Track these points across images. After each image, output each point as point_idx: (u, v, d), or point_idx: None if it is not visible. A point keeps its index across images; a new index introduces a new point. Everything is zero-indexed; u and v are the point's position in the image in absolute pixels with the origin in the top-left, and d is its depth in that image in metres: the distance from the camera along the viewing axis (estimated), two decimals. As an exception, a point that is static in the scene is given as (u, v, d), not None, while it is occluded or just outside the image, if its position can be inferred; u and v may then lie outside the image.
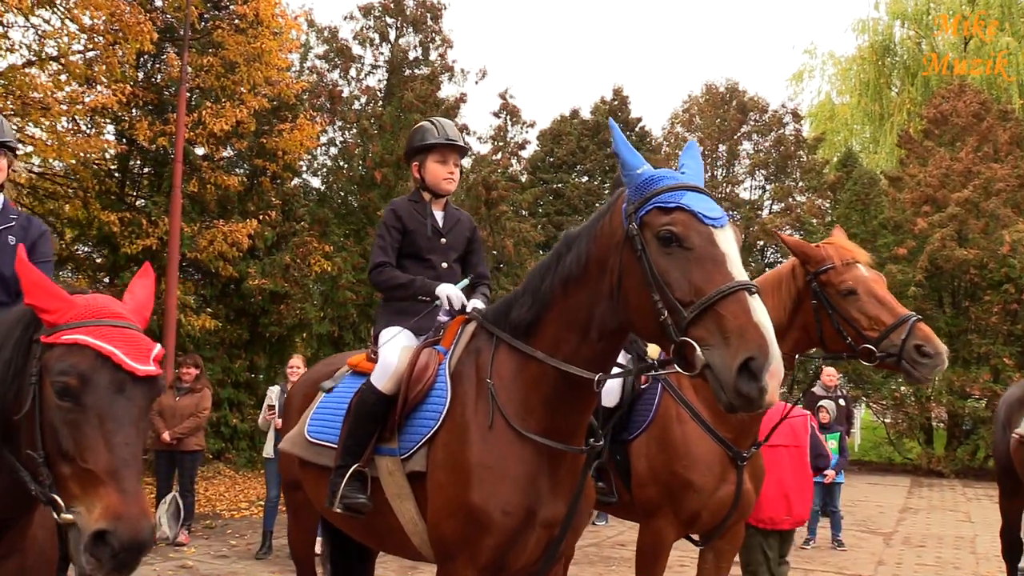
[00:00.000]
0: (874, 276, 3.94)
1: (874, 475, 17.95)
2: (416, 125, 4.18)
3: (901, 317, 3.73)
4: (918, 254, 17.01)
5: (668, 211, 2.66)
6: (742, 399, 2.38)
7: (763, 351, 2.35)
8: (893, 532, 10.91)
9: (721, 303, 2.47)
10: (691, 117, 21.41)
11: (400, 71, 17.33)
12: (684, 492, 4.06)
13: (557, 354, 3.03)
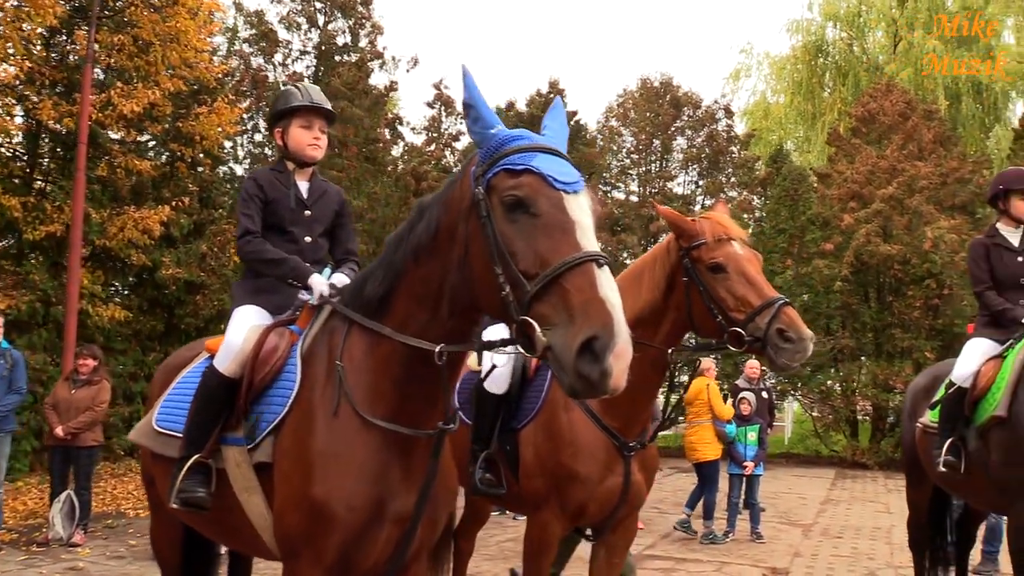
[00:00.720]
0: (748, 254, 3.69)
1: (800, 467, 18.14)
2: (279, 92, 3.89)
3: (768, 299, 3.49)
4: (845, 249, 17.23)
5: (516, 174, 2.41)
6: (583, 382, 2.15)
7: (607, 329, 2.13)
8: (813, 524, 10.94)
9: (566, 276, 2.24)
10: (626, 111, 21.37)
11: (329, 57, 16.94)
12: (569, 483, 3.87)
13: (406, 331, 2.79)
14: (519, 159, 2.46)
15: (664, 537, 9.78)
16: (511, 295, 2.34)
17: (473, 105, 2.61)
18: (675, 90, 20.70)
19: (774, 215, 19.41)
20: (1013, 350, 4.74)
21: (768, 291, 3.54)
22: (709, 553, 9.02)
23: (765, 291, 3.54)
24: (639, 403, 3.92)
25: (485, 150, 2.57)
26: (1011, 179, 5.21)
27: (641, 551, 8.98)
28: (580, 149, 20.72)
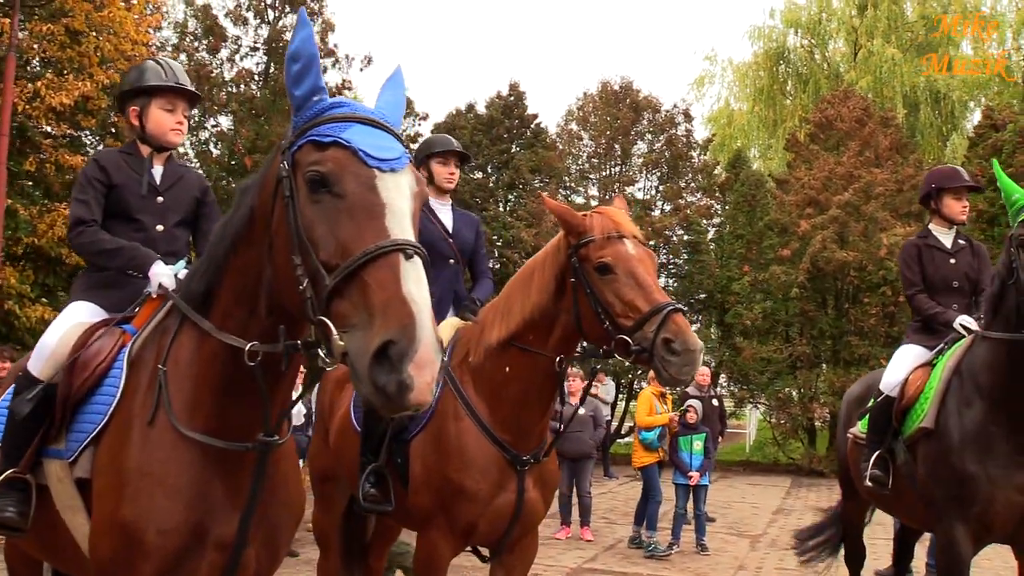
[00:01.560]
0: (640, 254, 3.34)
1: (757, 475, 17.99)
2: (135, 66, 3.54)
3: (656, 305, 3.15)
4: (802, 256, 17.11)
5: (322, 147, 2.12)
6: (380, 395, 1.85)
7: (406, 333, 1.83)
8: (762, 534, 10.71)
9: (368, 268, 1.95)
10: (585, 115, 21.12)
11: (278, 53, 16.49)
12: (457, 499, 3.54)
13: (225, 329, 2.47)
14: (329, 130, 2.15)
15: (607, 549, 9.49)
16: (309, 290, 2.04)
17: (299, 59, 2.24)
18: (635, 94, 20.50)
19: (732, 220, 19.28)
20: (943, 357, 4.50)
21: (657, 295, 3.22)
22: (651, 567, 8.74)
23: (654, 295, 3.20)
24: (532, 414, 3.61)
25: (299, 118, 2.25)
26: (943, 177, 4.98)
27: (581, 564, 8.70)
28: (539, 153, 20.48)
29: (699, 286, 19.07)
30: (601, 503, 12.94)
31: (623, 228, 3.40)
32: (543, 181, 20.51)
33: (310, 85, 2.25)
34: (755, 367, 17.87)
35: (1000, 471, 3.95)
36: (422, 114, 21.48)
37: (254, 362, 2.37)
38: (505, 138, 21.28)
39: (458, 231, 4.58)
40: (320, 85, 2.27)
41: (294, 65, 2.27)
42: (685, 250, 19.55)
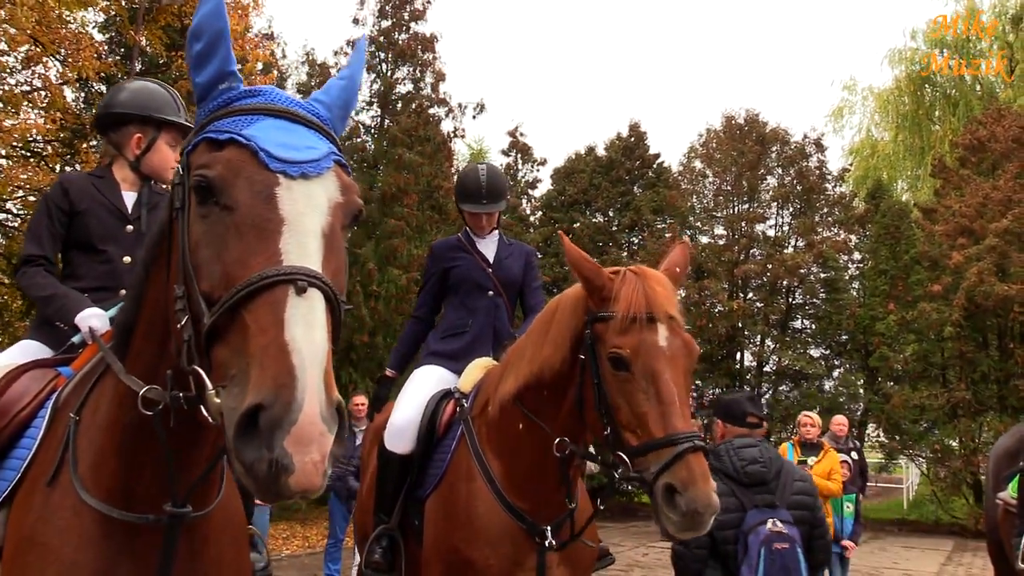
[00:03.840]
0: (675, 348, 2.48)
1: (915, 537, 16.14)
2: (140, 86, 3.18)
3: (672, 435, 2.35)
4: (955, 291, 15.44)
5: (217, 146, 1.66)
6: (250, 477, 1.39)
7: (281, 395, 1.37)
8: (914, 608, 9.35)
9: (250, 305, 1.49)
10: (709, 151, 20.21)
11: (391, 105, 16.66)
12: (465, 574, 2.91)
13: (133, 371, 2.01)
14: (230, 124, 1.69)
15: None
16: (189, 329, 1.61)
17: (201, 37, 1.77)
18: (761, 126, 19.44)
19: (874, 254, 17.76)
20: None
21: (678, 421, 2.38)
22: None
23: (674, 420, 2.38)
24: (549, 482, 2.93)
25: (201, 111, 1.79)
26: None
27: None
28: (661, 192, 19.71)
29: (838, 327, 17.61)
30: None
31: (657, 306, 2.52)
32: (665, 221, 19.70)
33: (215, 70, 1.78)
34: (908, 415, 16.18)
35: None
36: (540, 159, 21.28)
37: (151, 411, 1.90)
38: (626, 179, 20.68)
39: (501, 261, 4.02)
40: (229, 69, 1.79)
41: (196, 45, 1.80)
42: (822, 288, 18.14)
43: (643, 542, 13.51)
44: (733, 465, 3.63)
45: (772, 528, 3.50)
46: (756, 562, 3.43)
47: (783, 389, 18.25)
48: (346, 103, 1.91)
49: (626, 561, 11.96)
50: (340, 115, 1.90)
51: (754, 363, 19.02)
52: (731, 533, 3.53)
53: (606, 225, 20.08)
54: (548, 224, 20.35)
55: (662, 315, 2.51)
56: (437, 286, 4.03)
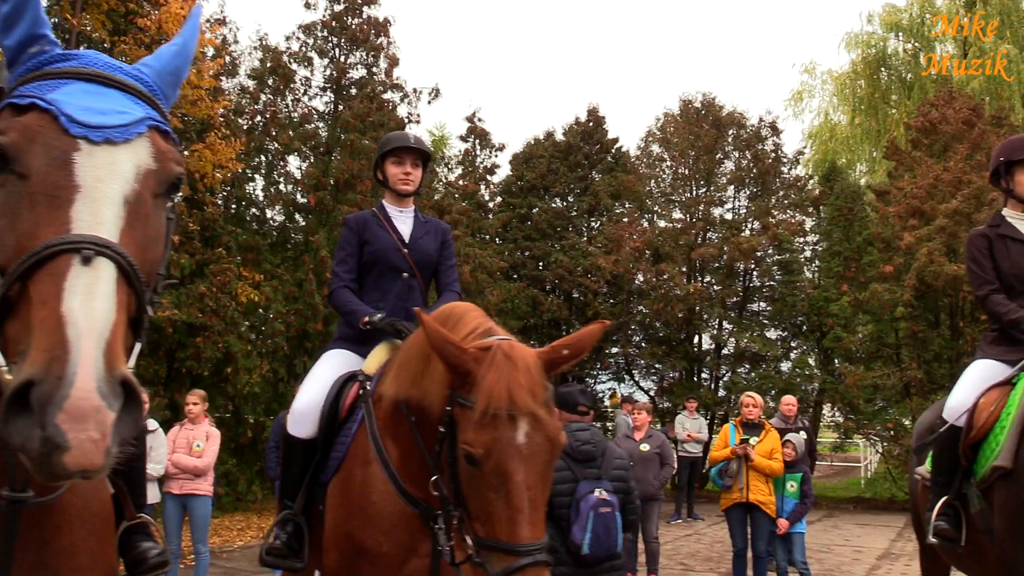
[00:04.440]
0: (533, 447, 2.27)
1: (869, 514, 16.39)
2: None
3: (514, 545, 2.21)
4: (906, 271, 15.62)
5: (19, 111, 1.61)
6: (25, 456, 1.34)
7: (52, 369, 1.33)
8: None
9: (34, 277, 1.46)
10: (667, 135, 20.23)
11: (345, 91, 16.45)
12: (359, 561, 2.87)
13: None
14: (34, 89, 1.65)
15: (676, 602, 8.51)
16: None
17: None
18: (717, 110, 19.50)
19: (827, 236, 17.92)
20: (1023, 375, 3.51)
21: (523, 529, 2.21)
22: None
23: (519, 528, 2.21)
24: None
25: (12, 76, 1.74)
26: (1014, 148, 3.99)
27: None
28: (619, 177, 19.72)
29: (794, 309, 17.77)
30: (683, 547, 11.91)
31: (519, 402, 2.31)
32: (624, 206, 19.73)
33: (24, 32, 1.74)
34: (862, 394, 16.39)
35: None
36: (499, 145, 21.15)
37: None
38: (584, 164, 20.67)
39: (417, 240, 3.96)
40: (40, 32, 1.75)
41: (3, 7, 1.73)
42: (778, 271, 18.30)
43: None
44: (569, 444, 4.10)
45: (599, 496, 4.34)
46: (586, 523, 4.27)
47: (741, 371, 18.40)
48: (177, 70, 1.86)
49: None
50: (171, 81, 1.84)
51: (712, 345, 19.14)
52: (566, 500, 4.31)
53: (564, 210, 20.08)
54: (507, 210, 20.30)
55: (523, 411, 2.31)
56: (356, 257, 3.91)
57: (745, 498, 7.91)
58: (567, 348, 2.48)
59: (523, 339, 12.81)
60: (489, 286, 17.09)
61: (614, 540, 4.39)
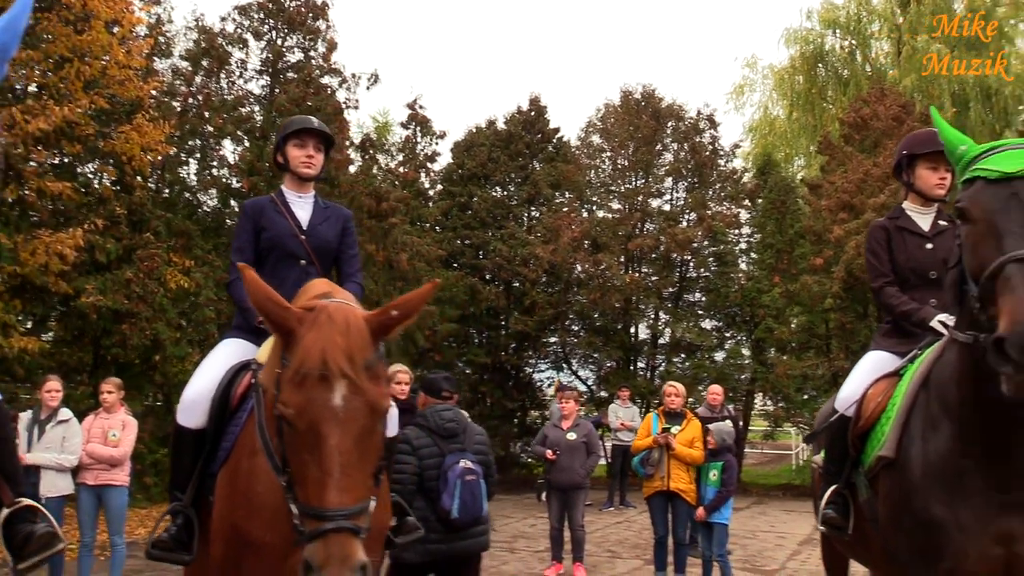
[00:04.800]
0: (350, 410, 2.25)
1: (796, 501, 16.75)
2: None
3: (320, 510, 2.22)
4: (836, 264, 15.97)
5: None
6: None
7: None
8: (779, 569, 9.70)
9: None
10: (607, 126, 20.34)
11: (281, 74, 16.19)
12: (245, 554, 2.84)
13: None
14: None
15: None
16: None
17: None
18: (656, 102, 19.66)
19: (762, 229, 18.24)
20: (912, 366, 3.60)
21: (332, 493, 2.20)
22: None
23: (326, 494, 2.21)
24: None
25: None
26: (916, 142, 4.07)
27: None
28: (559, 167, 19.77)
29: (727, 300, 18.07)
30: (612, 534, 12.06)
31: (333, 363, 2.28)
32: (564, 195, 19.79)
33: None
34: (791, 384, 16.75)
35: (973, 516, 3.00)
36: (440, 132, 21.01)
37: None
38: (525, 153, 20.66)
39: (315, 227, 3.91)
40: None
41: None
42: (713, 262, 18.57)
43: (532, 514, 13.65)
44: (436, 423, 5.02)
45: (464, 465, 4.91)
46: (454, 490, 4.81)
47: (676, 360, 18.65)
48: (4, 45, 1.78)
49: (512, 532, 12.06)
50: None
51: (648, 335, 19.37)
52: (434, 472, 4.86)
53: (505, 199, 20.06)
54: (447, 198, 20.20)
55: (337, 373, 2.28)
56: (253, 244, 3.86)
57: (666, 486, 8.04)
58: (396, 310, 2.47)
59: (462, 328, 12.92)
60: (427, 274, 17.00)
61: (479, 505, 4.99)
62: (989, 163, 2.73)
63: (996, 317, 2.49)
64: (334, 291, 2.75)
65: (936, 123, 3.13)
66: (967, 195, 2.78)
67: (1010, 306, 2.41)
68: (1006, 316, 2.41)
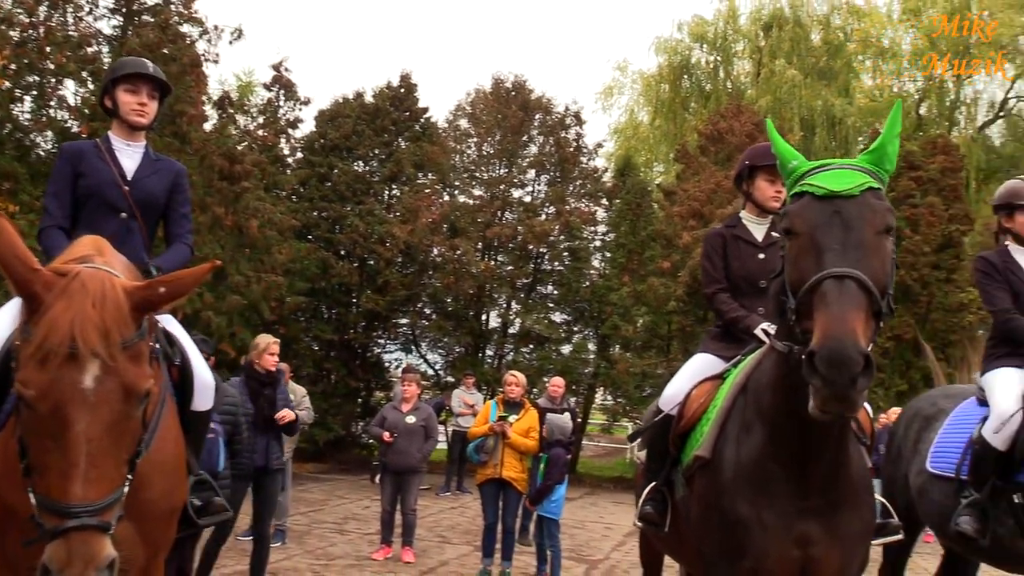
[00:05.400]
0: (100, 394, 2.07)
1: (626, 493, 17.33)
2: None
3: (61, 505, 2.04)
4: (682, 268, 16.60)
5: None
6: None
7: None
8: (603, 559, 9.96)
9: None
10: (476, 112, 20.28)
11: (137, 16, 15.16)
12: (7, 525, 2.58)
13: None
14: None
15: (426, 573, 8.54)
16: None
17: None
18: (526, 93, 19.78)
19: (616, 228, 18.73)
20: (734, 371, 3.71)
21: (76, 486, 2.02)
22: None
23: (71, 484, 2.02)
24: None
25: None
26: (757, 155, 4.20)
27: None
28: (424, 147, 19.55)
29: (578, 295, 18.45)
30: (445, 519, 12.06)
31: (82, 339, 2.05)
32: (427, 177, 19.60)
33: None
34: (631, 381, 17.30)
35: (776, 518, 3.12)
36: (304, 98, 20.28)
37: None
38: (391, 130, 20.31)
39: (142, 179, 3.63)
40: None
41: None
42: (568, 256, 18.90)
43: (367, 495, 13.47)
44: None
45: None
46: None
47: (524, 351, 18.87)
48: None
49: (344, 513, 11.85)
50: None
51: (499, 324, 19.50)
52: None
53: (366, 174, 19.65)
54: (306, 167, 19.58)
55: (87, 351, 2.05)
56: (70, 191, 3.54)
57: (499, 474, 8.07)
58: (164, 286, 2.26)
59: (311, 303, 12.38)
60: (278, 243, 16.44)
61: (215, 460, 5.44)
62: (817, 179, 2.80)
63: (810, 330, 2.55)
64: (99, 254, 2.47)
65: (770, 136, 3.21)
66: (793, 209, 2.84)
67: (823, 321, 2.48)
68: (819, 331, 2.47)
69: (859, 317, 2.47)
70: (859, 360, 2.36)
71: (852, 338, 2.39)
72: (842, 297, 2.48)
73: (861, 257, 2.59)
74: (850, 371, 2.36)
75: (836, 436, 3.07)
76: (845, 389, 2.38)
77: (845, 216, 2.66)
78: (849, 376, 2.36)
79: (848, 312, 2.45)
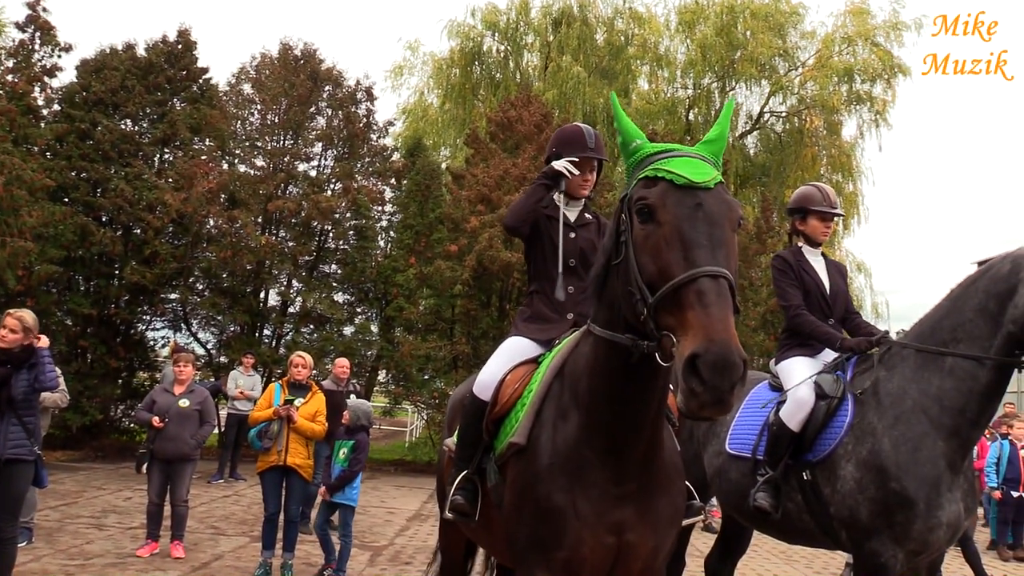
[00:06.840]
0: None
1: (410, 476, 17.31)
2: None
3: None
4: (469, 252, 16.71)
5: None
6: None
7: None
8: (387, 545, 9.80)
9: None
10: (261, 78, 19.22)
11: None
12: None
13: None
14: None
15: (197, 569, 7.94)
16: None
17: None
18: (316, 63, 19.02)
19: (404, 209, 18.53)
20: (549, 355, 3.67)
21: None
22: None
23: None
24: None
25: None
26: (565, 142, 4.14)
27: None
28: (203, 111, 18.27)
29: (363, 275, 18.07)
30: (218, 509, 11.37)
31: None
32: (204, 142, 18.32)
33: None
34: (415, 363, 17.20)
35: (591, 506, 3.09)
36: (65, 44, 18.23)
37: None
38: (166, 88, 18.80)
39: None
40: None
41: None
42: (353, 235, 18.45)
43: (128, 486, 12.41)
44: None
45: None
46: None
47: (305, 331, 18.21)
48: None
49: (102, 506, 10.82)
50: None
51: (279, 302, 18.69)
52: None
53: (135, 135, 18.03)
54: (65, 121, 17.65)
55: None
56: None
57: (283, 461, 7.64)
58: None
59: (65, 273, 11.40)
60: (28, 205, 14.69)
61: None
62: (672, 166, 2.70)
63: (674, 329, 2.46)
64: None
65: (615, 112, 3.12)
66: (654, 194, 2.68)
67: (704, 322, 2.37)
68: (700, 332, 2.36)
69: (732, 319, 2.43)
70: (740, 365, 2.31)
71: (735, 342, 2.34)
72: (720, 299, 2.41)
73: (727, 255, 2.54)
74: (732, 376, 2.30)
75: (652, 420, 3.09)
76: (725, 394, 2.32)
77: (707, 210, 2.59)
78: (731, 382, 2.31)
79: (728, 315, 2.40)
